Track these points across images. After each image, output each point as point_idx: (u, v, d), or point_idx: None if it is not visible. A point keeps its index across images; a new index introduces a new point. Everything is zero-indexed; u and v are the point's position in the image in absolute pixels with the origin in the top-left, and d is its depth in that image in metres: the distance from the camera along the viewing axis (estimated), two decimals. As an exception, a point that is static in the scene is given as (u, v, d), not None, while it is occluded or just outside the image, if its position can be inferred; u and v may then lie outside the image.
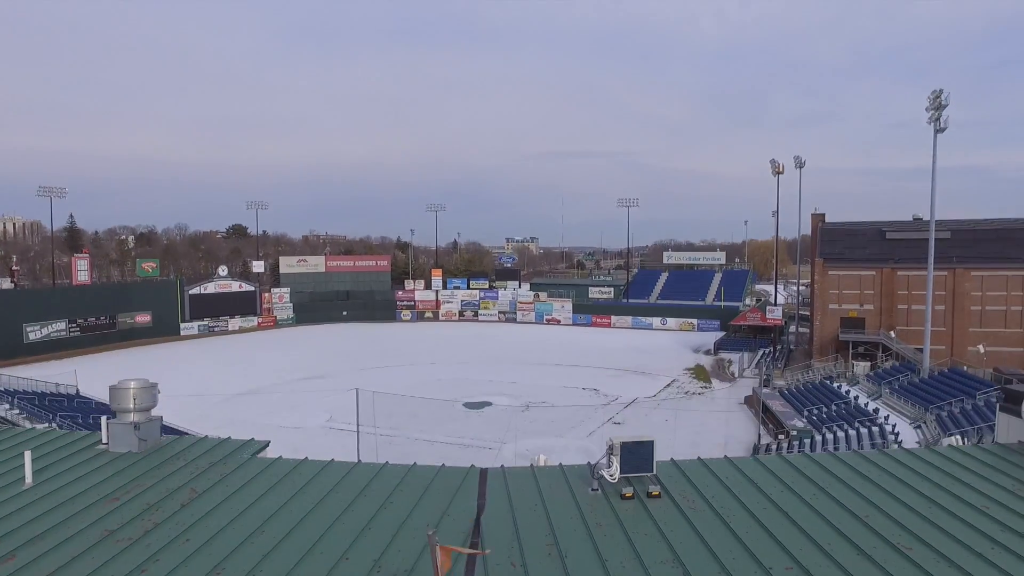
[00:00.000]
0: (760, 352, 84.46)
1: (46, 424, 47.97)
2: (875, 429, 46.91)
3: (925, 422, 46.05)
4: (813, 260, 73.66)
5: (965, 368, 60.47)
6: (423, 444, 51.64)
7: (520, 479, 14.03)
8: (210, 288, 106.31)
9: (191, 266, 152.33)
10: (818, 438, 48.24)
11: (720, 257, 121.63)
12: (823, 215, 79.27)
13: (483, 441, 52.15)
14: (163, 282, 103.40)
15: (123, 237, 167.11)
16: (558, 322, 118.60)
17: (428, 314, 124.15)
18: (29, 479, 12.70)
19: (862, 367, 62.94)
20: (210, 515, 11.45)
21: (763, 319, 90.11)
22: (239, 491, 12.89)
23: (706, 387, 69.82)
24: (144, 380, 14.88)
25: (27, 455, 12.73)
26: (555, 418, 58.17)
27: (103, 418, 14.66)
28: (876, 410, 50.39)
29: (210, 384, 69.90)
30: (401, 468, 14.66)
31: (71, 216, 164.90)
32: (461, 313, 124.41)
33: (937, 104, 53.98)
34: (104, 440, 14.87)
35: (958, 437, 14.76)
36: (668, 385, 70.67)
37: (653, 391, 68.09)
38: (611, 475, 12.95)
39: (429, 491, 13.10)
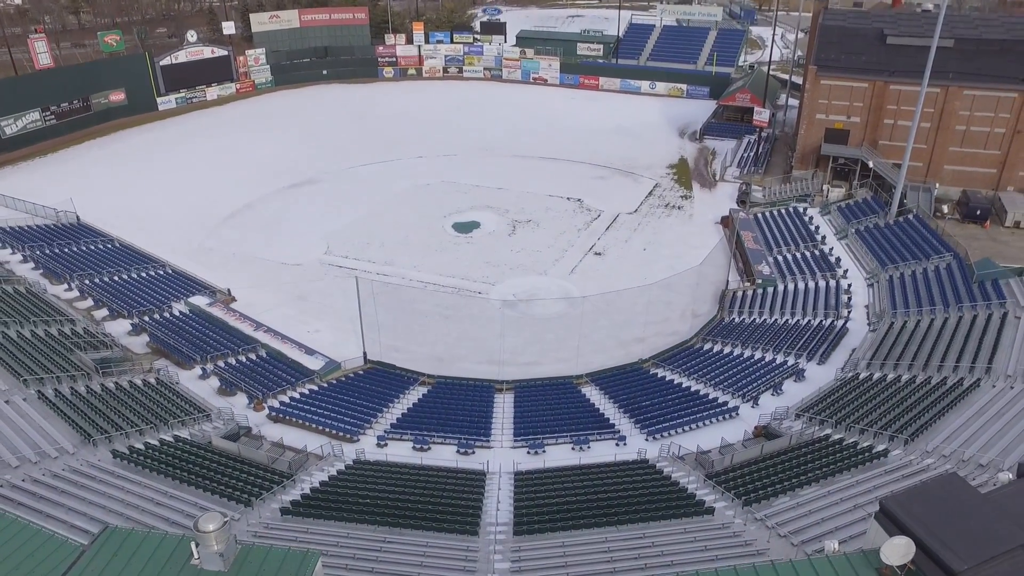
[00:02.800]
0: (745, 140, 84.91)
1: (64, 286, 51.23)
2: (832, 284, 51.42)
3: (878, 281, 50.28)
4: (807, 66, 70.91)
5: (935, 192, 63.29)
6: (417, 287, 55.67)
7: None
8: (181, 57, 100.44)
9: (153, 6, 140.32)
10: (780, 287, 52.85)
11: (716, 13, 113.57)
12: (826, 2, 74.36)
13: (474, 281, 56.24)
14: (132, 57, 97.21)
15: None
16: (545, 81, 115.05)
17: (411, 71, 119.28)
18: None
19: (836, 193, 65.19)
20: None
21: (753, 100, 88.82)
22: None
23: (686, 196, 72.21)
24: (219, 518, 18.09)
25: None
26: (539, 247, 61.70)
27: (192, 544, 18.19)
28: (838, 260, 54.25)
29: (204, 194, 71.24)
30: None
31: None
32: (445, 69, 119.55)
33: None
34: (196, 557, 18.74)
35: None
36: (650, 193, 72.91)
37: (635, 202, 70.61)
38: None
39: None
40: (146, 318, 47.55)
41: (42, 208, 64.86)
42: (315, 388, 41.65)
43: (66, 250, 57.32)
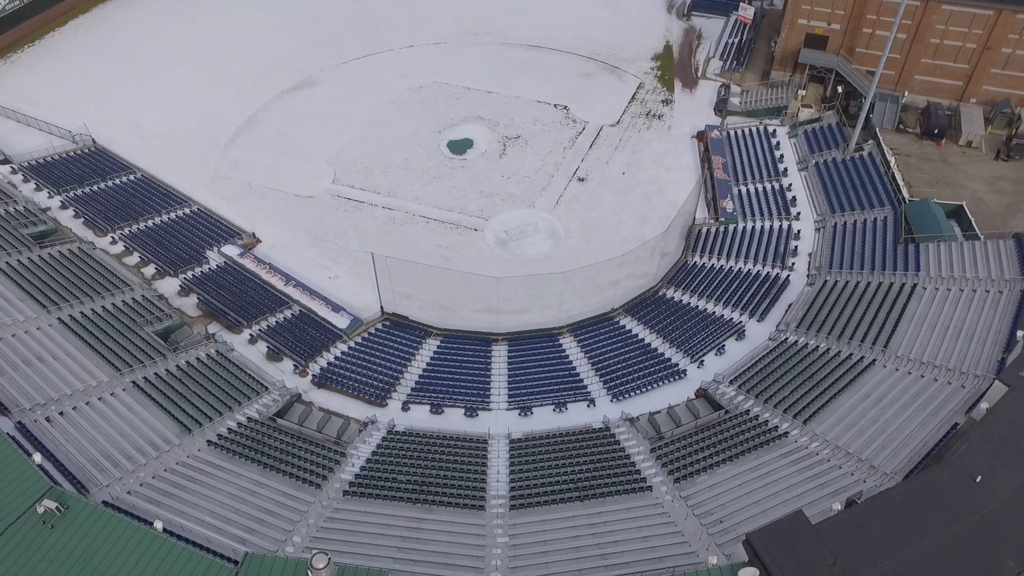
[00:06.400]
0: (732, 19, 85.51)
1: (109, 239, 57.84)
2: (784, 226, 58.88)
3: (825, 228, 57.72)
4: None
5: (902, 101, 67.81)
6: (420, 223, 62.41)
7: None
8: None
9: None
10: (740, 226, 60.24)
11: None
12: None
13: (470, 216, 62.85)
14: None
15: None
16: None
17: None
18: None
19: (806, 113, 69.53)
20: None
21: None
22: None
23: (667, 101, 75.88)
24: (325, 559, 28.49)
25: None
26: (528, 171, 67.37)
27: (308, 571, 28.86)
28: (794, 199, 60.97)
29: (205, 100, 74.31)
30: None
31: None
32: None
33: None
34: (311, 577, 29.11)
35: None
36: (633, 97, 76.43)
37: (618, 111, 74.56)
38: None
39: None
40: (190, 274, 55.14)
41: (56, 128, 68.92)
42: (345, 348, 50.80)
43: (96, 188, 62.77)
